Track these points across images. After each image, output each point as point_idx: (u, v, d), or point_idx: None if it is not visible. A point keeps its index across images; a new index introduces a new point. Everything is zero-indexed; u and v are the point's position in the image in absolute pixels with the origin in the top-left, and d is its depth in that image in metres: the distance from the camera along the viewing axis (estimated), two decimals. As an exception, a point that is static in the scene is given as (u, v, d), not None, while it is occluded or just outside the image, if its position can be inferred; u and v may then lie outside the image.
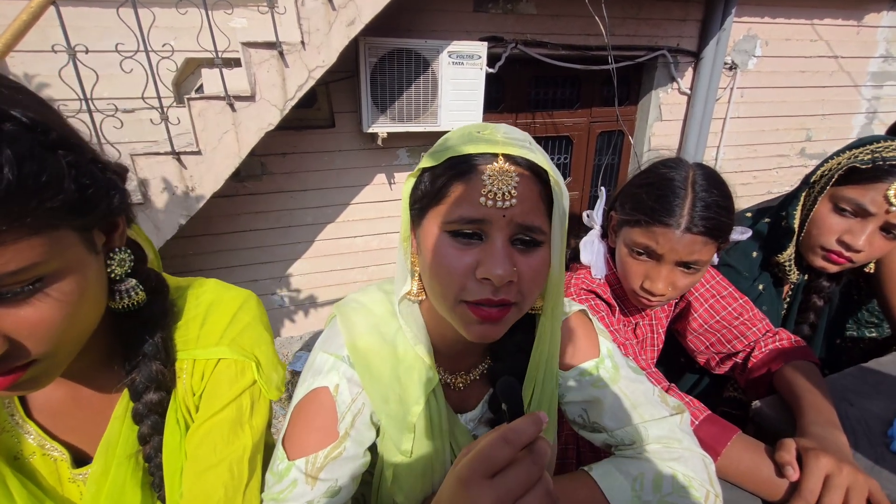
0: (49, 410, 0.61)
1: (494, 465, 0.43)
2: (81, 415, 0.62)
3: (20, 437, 0.59)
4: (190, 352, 0.63)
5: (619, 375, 0.75)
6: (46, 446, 0.60)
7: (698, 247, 0.90)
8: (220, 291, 0.68)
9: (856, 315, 1.31)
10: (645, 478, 0.68)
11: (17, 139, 0.41)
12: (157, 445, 0.62)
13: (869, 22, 4.37)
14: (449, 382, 0.75)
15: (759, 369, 1.02)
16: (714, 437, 0.80)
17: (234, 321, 0.66)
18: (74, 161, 0.46)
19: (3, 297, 0.43)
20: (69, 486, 0.62)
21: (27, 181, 0.41)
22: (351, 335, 0.68)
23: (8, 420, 0.58)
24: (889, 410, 0.93)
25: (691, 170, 0.94)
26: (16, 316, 0.44)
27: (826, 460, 0.70)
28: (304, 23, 2.38)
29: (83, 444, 0.63)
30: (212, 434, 0.62)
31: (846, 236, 1.04)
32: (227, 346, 0.63)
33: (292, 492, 0.63)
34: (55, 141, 0.44)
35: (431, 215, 0.60)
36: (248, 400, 0.65)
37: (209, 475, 0.61)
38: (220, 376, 0.63)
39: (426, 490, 0.74)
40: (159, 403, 0.61)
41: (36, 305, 0.45)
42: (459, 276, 0.57)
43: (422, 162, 0.62)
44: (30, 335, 0.45)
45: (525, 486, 0.43)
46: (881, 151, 1.00)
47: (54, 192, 0.43)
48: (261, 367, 0.65)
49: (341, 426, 0.66)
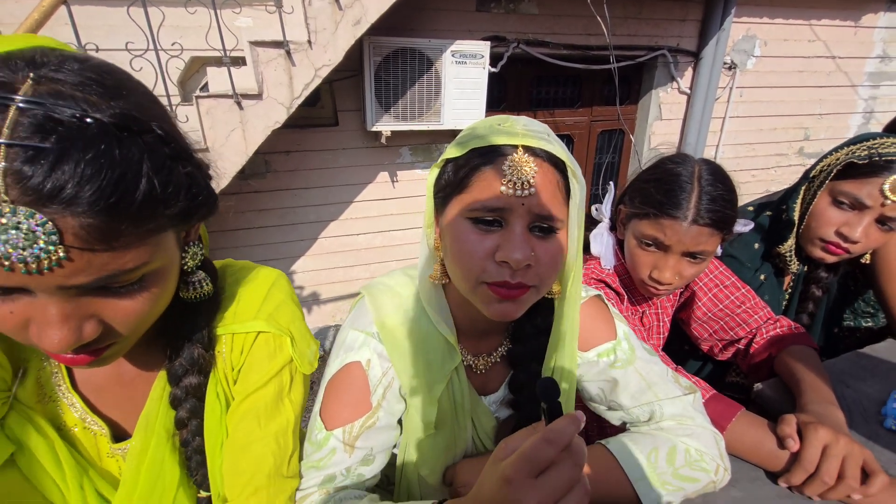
0: (92, 385, 0.64)
1: (539, 466, 0.47)
2: (122, 392, 0.65)
3: (65, 408, 0.62)
4: (228, 327, 0.66)
5: (635, 357, 0.79)
6: (88, 420, 0.63)
7: (704, 238, 0.95)
8: (252, 270, 0.72)
9: (853, 305, 1.36)
10: (659, 452, 0.72)
11: (154, 151, 0.45)
12: (194, 429, 0.65)
13: (866, 23, 4.42)
14: (471, 365, 0.79)
15: (760, 354, 1.07)
16: (720, 413, 0.84)
17: (269, 298, 0.69)
18: (191, 172, 0.50)
19: (111, 289, 0.47)
20: (108, 461, 0.65)
21: (157, 191, 0.44)
22: (379, 314, 0.73)
23: (55, 390, 0.61)
24: (883, 392, 0.98)
25: (697, 165, 0.98)
26: (116, 306, 0.48)
27: (824, 432, 0.75)
28: (311, 22, 2.41)
29: (122, 420, 0.66)
30: (255, 409, 0.65)
31: (844, 228, 1.08)
32: (265, 321, 0.66)
33: (332, 459, 0.68)
34: (179, 152, 0.48)
35: (454, 203, 0.64)
36: (288, 376, 0.68)
37: (256, 447, 0.64)
38: (259, 351, 0.66)
39: (448, 463, 0.78)
40: (198, 388, 0.64)
41: (135, 298, 0.49)
42: (480, 259, 0.61)
43: (446, 152, 0.66)
44: (122, 322, 0.49)
45: (567, 486, 0.47)
46: (877, 148, 1.05)
47: (175, 201, 0.47)
48: (295, 342, 0.68)
49: (374, 398, 0.70)
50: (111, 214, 0.41)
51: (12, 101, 0.39)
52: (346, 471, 0.69)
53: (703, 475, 0.71)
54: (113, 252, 0.44)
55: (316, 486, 0.68)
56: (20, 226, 0.39)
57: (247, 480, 0.63)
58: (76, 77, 0.43)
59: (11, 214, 0.38)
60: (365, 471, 0.70)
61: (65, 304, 0.45)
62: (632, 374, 0.78)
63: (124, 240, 0.44)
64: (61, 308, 0.44)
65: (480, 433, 0.80)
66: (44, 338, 0.45)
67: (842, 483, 0.72)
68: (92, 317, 0.47)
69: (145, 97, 0.48)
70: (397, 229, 3.78)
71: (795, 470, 0.75)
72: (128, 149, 0.42)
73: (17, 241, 0.39)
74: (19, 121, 0.39)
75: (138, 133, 0.44)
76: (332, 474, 0.68)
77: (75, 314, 0.45)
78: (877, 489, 0.71)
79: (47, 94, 0.40)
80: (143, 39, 2.11)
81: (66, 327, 0.45)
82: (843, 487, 0.72)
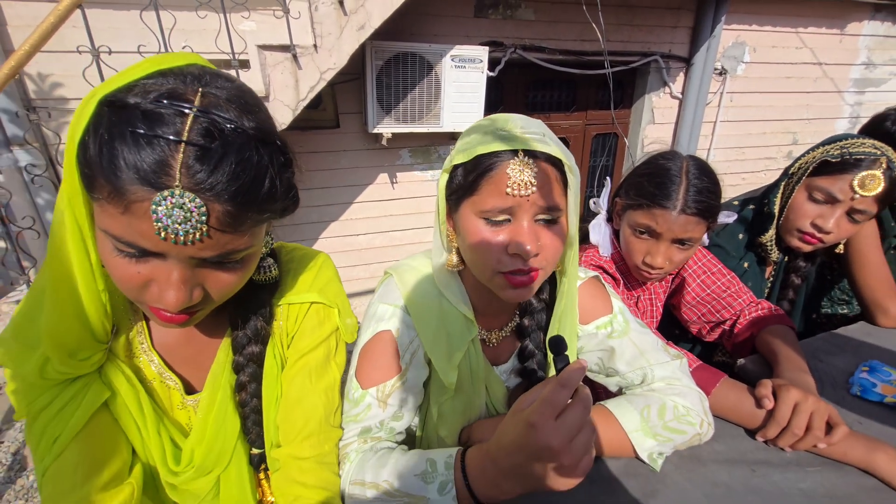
0: (167, 346, 0.73)
1: (557, 408, 0.56)
2: (192, 353, 0.75)
3: (146, 364, 0.72)
4: (285, 298, 0.76)
5: (630, 328, 0.89)
6: (164, 374, 0.72)
7: (691, 226, 1.05)
8: (303, 251, 0.82)
9: (829, 293, 1.47)
10: (651, 408, 0.81)
11: (275, 158, 0.56)
12: (253, 391, 0.75)
13: (851, 31, 4.56)
14: (485, 339, 0.89)
15: (743, 333, 1.17)
16: (705, 380, 0.93)
17: (320, 275, 0.80)
18: (291, 175, 0.60)
19: (220, 264, 0.57)
20: (178, 413, 0.75)
21: (275, 190, 0.55)
22: (406, 289, 0.82)
23: (139, 348, 0.71)
24: (851, 365, 1.09)
25: (685, 160, 1.08)
26: (218, 278, 0.58)
27: (794, 392, 0.85)
28: (317, 27, 2.49)
29: (191, 378, 0.76)
30: (307, 368, 0.76)
31: (818, 220, 1.19)
32: (317, 293, 0.77)
33: (368, 413, 0.78)
34: (289, 161, 0.59)
35: (466, 204, 0.73)
36: (334, 341, 0.79)
37: (309, 400, 0.75)
38: (311, 319, 0.77)
39: (464, 426, 0.88)
40: (258, 355, 0.74)
41: (233, 273, 0.59)
42: (495, 252, 0.71)
43: (454, 159, 0.74)
44: (218, 291, 0.59)
45: (580, 425, 0.57)
46: (848, 147, 1.16)
47: (283, 200, 0.58)
48: (341, 313, 0.79)
49: (403, 361, 0.80)
50: (244, 205, 0.52)
51: (191, 110, 0.49)
52: (380, 424, 0.78)
53: (690, 428, 0.81)
54: (234, 234, 0.54)
55: (355, 436, 0.78)
56: (184, 206, 0.49)
57: (300, 427, 0.74)
58: (227, 93, 0.54)
59: (180, 197, 0.48)
60: (395, 425, 0.80)
61: (186, 272, 0.55)
62: (627, 343, 0.88)
63: (246, 227, 0.54)
64: (182, 274, 0.54)
65: (493, 399, 0.90)
66: (164, 296, 0.55)
67: (809, 434, 0.83)
68: (199, 285, 0.57)
69: (268, 113, 0.59)
70: (397, 230, 3.85)
71: (770, 425, 0.85)
72: (261, 155, 0.53)
73: (178, 218, 0.49)
74: (194, 126, 0.49)
75: (268, 143, 0.54)
76: (368, 426, 0.78)
77: (190, 280, 0.55)
78: (838, 438, 0.82)
79: (211, 105, 0.51)
80: (152, 42, 2.18)
81: (183, 290, 0.55)
82: (810, 438, 0.83)
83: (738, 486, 0.79)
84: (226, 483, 0.76)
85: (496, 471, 0.62)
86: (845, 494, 0.78)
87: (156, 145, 0.48)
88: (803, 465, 0.83)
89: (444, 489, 0.66)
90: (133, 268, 0.54)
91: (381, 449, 0.76)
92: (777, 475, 0.81)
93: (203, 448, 0.73)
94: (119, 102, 0.49)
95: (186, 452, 0.73)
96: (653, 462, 0.81)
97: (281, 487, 0.73)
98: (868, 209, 1.14)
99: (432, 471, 0.68)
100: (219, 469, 0.75)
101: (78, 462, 0.62)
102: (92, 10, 2.63)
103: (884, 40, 4.76)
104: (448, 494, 0.66)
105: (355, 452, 0.76)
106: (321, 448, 0.74)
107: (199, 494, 0.75)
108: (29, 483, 2.27)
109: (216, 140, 0.50)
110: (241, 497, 0.77)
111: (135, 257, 0.53)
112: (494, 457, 0.62)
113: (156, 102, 0.49)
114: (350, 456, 0.75)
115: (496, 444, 0.63)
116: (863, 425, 0.92)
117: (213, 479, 0.75)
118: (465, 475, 0.66)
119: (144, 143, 0.48)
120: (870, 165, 1.11)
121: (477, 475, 0.65)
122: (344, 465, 0.75)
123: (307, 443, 0.73)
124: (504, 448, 0.61)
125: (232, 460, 0.75)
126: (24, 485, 2.27)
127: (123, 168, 0.48)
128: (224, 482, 0.76)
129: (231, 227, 0.53)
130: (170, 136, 0.48)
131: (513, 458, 0.59)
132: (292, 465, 0.73)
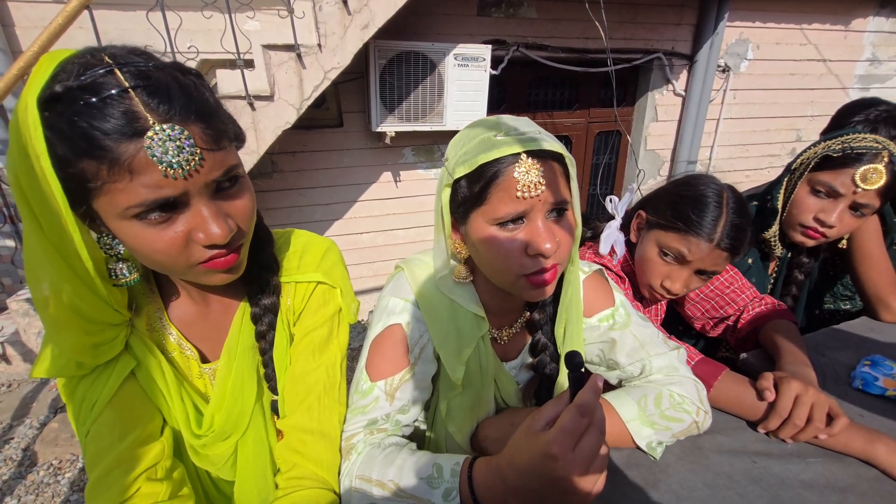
0: (184, 320, 0.78)
1: (576, 437, 0.54)
2: (207, 324, 0.80)
3: (166, 337, 0.76)
4: (293, 276, 0.81)
5: (631, 321, 0.90)
6: (182, 345, 0.77)
7: (721, 260, 1.03)
8: (311, 236, 0.87)
9: (832, 289, 1.48)
10: (648, 398, 0.83)
11: (200, 82, 0.61)
12: (271, 340, 0.80)
13: (856, 27, 4.54)
14: (495, 336, 0.90)
15: (746, 328, 1.18)
16: (708, 373, 0.94)
17: (325, 258, 0.84)
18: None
19: (223, 190, 0.62)
20: (197, 381, 0.80)
21: (221, 107, 0.63)
22: (417, 284, 0.83)
23: (158, 322, 0.76)
24: (853, 359, 1.10)
25: (725, 191, 1.04)
26: (233, 205, 0.64)
27: (795, 384, 0.86)
28: (321, 26, 2.50)
29: (206, 349, 0.80)
30: (311, 345, 0.80)
31: (821, 214, 1.20)
32: (323, 274, 0.82)
33: (375, 405, 0.79)
34: (209, 86, 0.64)
35: (477, 215, 0.72)
36: (337, 321, 0.83)
37: (310, 375, 0.79)
38: (317, 298, 0.82)
39: (473, 422, 0.89)
40: (272, 306, 0.80)
41: (242, 196, 0.65)
42: (516, 257, 0.70)
43: (455, 172, 0.72)
44: (242, 217, 0.65)
45: (596, 451, 0.55)
46: (850, 142, 1.16)
47: (230, 123, 0.64)
48: (343, 295, 0.83)
49: (412, 356, 0.81)
50: (209, 119, 0.58)
51: (114, 66, 0.53)
52: (387, 416, 0.79)
53: (686, 416, 0.82)
54: (220, 151, 0.59)
55: (361, 427, 0.79)
56: (171, 137, 0.53)
57: (301, 399, 0.79)
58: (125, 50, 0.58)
59: (162, 130, 0.53)
60: (402, 418, 0.81)
61: (211, 205, 0.60)
62: (627, 335, 0.89)
63: (224, 141, 0.60)
64: (210, 208, 0.60)
65: (503, 394, 0.91)
66: (210, 232, 0.60)
67: (810, 425, 0.83)
68: (227, 215, 0.62)
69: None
70: (400, 228, 3.88)
71: (771, 416, 0.86)
72: (189, 79, 0.59)
73: (174, 150, 0.54)
74: (125, 76, 0.53)
75: (185, 71, 0.60)
76: (375, 418, 0.79)
77: (220, 212, 0.61)
78: (839, 430, 0.83)
79: (123, 59, 0.55)
80: (158, 42, 2.20)
81: (220, 220, 0.60)
82: (811, 429, 0.83)
83: (740, 476, 0.80)
84: (243, 450, 0.81)
85: (505, 488, 0.61)
86: (846, 485, 0.79)
87: (111, 103, 0.52)
88: (804, 456, 0.84)
89: (449, 496, 0.67)
90: (169, 232, 0.58)
91: (390, 446, 0.77)
92: (778, 466, 0.82)
93: (223, 413, 0.78)
94: (54, 95, 0.51)
95: (207, 417, 0.79)
96: (651, 451, 0.82)
97: (283, 455, 0.78)
98: (870, 203, 1.15)
99: (438, 476, 0.69)
100: (237, 434, 0.80)
101: (114, 423, 0.69)
102: (99, 10, 2.66)
103: (889, 36, 4.74)
104: (452, 502, 0.66)
105: (363, 444, 0.77)
106: (322, 422, 0.78)
107: (217, 462, 0.81)
108: (39, 479, 2.30)
109: (150, 77, 0.54)
110: (257, 465, 0.82)
111: (165, 220, 0.58)
112: (505, 475, 0.61)
113: (82, 77, 0.52)
114: (357, 447, 0.77)
115: (507, 462, 0.61)
116: (864, 418, 0.93)
117: (232, 446, 0.80)
118: (472, 487, 0.66)
119: (102, 106, 0.51)
120: (872, 159, 1.12)
121: (484, 490, 0.65)
122: (351, 455, 0.77)
123: (308, 414, 0.78)
124: (517, 469, 0.59)
125: (250, 426, 0.81)
126: (34, 480, 2.30)
127: (102, 137, 0.51)
128: (241, 449, 0.81)
129: (214, 142, 0.58)
130: (114, 90, 0.52)
131: (526, 480, 0.58)
132: (294, 435, 0.78)
